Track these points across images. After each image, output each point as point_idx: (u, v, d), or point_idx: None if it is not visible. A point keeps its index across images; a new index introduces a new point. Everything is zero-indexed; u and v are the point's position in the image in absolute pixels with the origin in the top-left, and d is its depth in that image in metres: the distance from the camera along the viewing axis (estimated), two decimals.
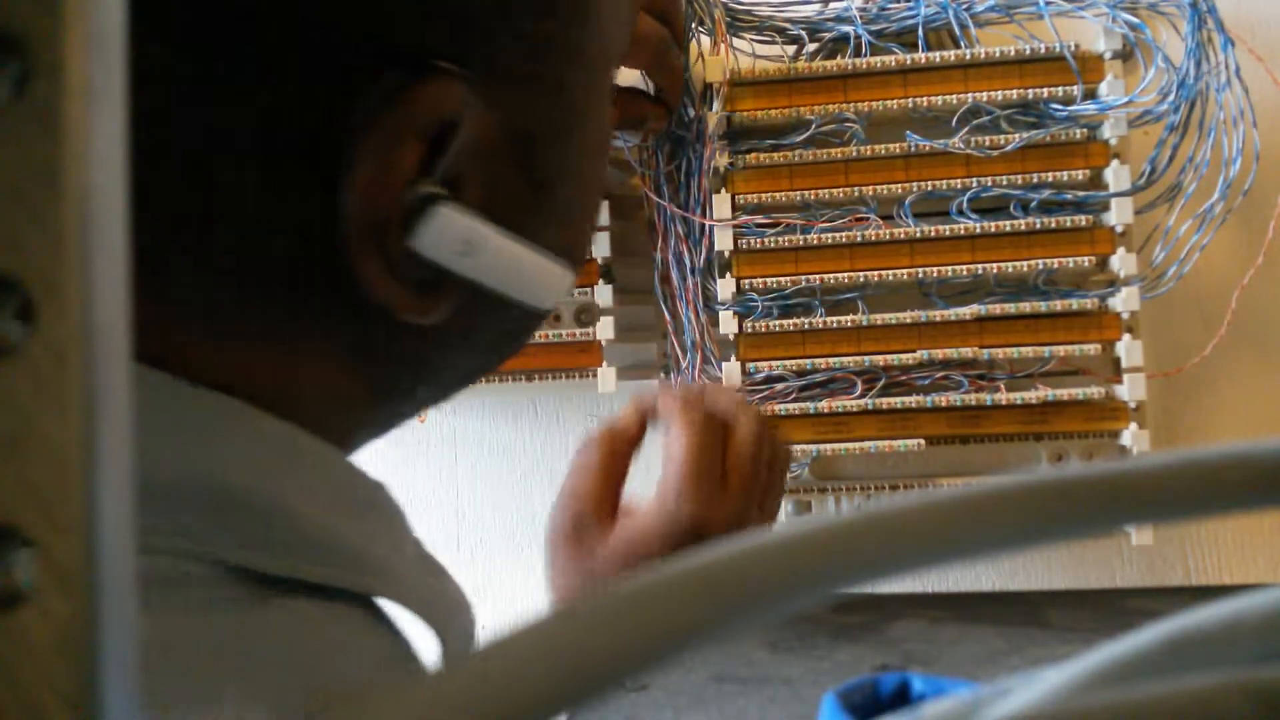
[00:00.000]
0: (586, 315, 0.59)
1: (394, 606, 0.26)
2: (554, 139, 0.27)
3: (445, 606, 0.27)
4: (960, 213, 0.57)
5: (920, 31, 0.58)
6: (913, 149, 0.57)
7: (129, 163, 0.16)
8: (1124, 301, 0.56)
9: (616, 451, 0.48)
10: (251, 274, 0.24)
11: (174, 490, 0.23)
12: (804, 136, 0.57)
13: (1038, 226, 0.56)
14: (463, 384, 0.30)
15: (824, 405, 0.57)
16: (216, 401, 0.24)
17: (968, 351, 0.57)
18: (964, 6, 0.58)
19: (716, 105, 0.57)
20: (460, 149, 0.24)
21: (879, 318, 0.57)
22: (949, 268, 0.57)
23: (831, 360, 0.57)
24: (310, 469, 0.26)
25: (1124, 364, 0.56)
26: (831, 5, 0.59)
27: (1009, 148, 0.56)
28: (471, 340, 0.28)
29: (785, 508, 0.61)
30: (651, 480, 0.47)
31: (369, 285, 0.24)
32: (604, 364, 0.58)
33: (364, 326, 0.26)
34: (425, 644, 0.26)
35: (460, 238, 0.24)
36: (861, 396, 0.57)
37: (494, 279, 0.26)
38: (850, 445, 0.57)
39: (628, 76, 0.56)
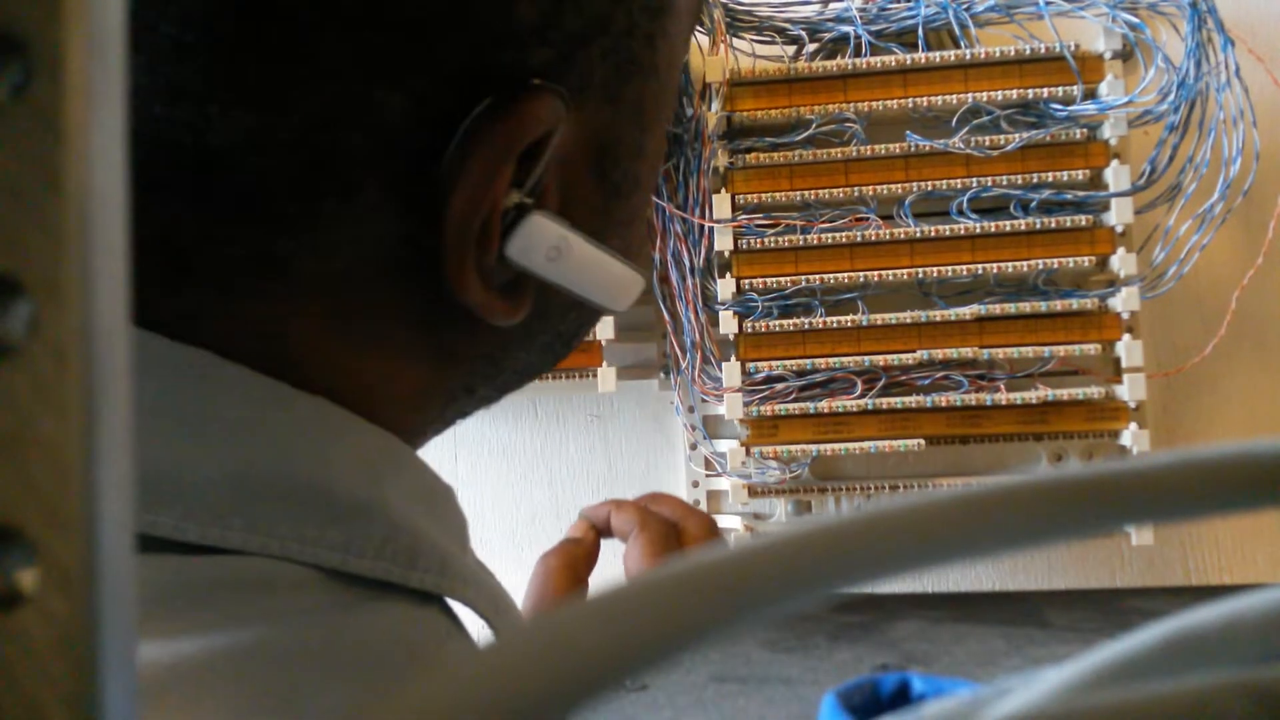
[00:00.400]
0: None
1: (463, 610, 0.27)
2: (627, 150, 0.28)
3: (508, 609, 0.29)
4: (960, 213, 0.57)
5: (920, 31, 0.58)
6: (913, 149, 0.57)
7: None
8: (1124, 301, 0.56)
9: (577, 568, 0.50)
10: (359, 281, 0.25)
11: (275, 491, 0.24)
12: (804, 136, 0.57)
13: (1038, 226, 0.56)
14: (517, 384, 0.32)
15: (824, 405, 0.57)
16: (319, 406, 0.25)
17: (968, 351, 0.57)
18: (964, 6, 0.58)
19: (716, 105, 0.57)
20: (545, 163, 0.25)
21: (879, 318, 0.57)
22: (949, 268, 0.57)
23: (831, 360, 0.57)
24: (404, 475, 0.27)
25: (1124, 364, 0.56)
26: (831, 5, 0.59)
27: (1009, 148, 0.56)
28: (533, 340, 0.30)
29: (785, 508, 0.61)
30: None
31: (464, 290, 0.25)
32: (604, 364, 0.58)
33: (447, 329, 0.27)
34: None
35: (550, 244, 0.26)
36: (861, 396, 0.57)
37: (577, 283, 0.27)
38: (850, 445, 0.57)
39: None
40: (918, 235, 0.57)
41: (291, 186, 0.23)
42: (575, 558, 0.50)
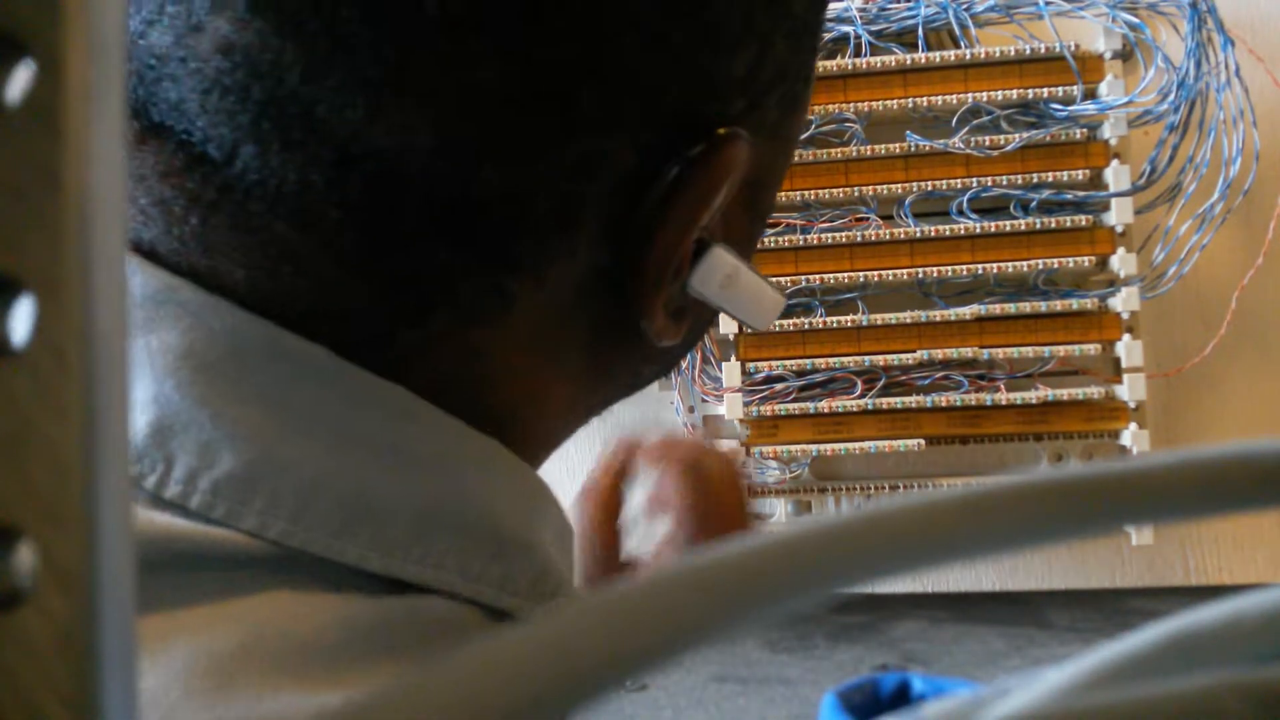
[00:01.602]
0: None
1: None
2: (773, 182, 0.31)
3: None
4: (960, 213, 0.57)
5: (920, 31, 0.58)
6: (913, 149, 0.57)
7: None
8: (1124, 301, 0.56)
9: (608, 505, 0.52)
10: (559, 310, 0.27)
11: (450, 526, 0.25)
12: (804, 136, 0.57)
13: (1038, 226, 0.56)
14: (630, 394, 0.35)
15: (824, 405, 0.57)
16: (491, 447, 0.27)
17: (968, 351, 0.57)
18: (964, 6, 0.58)
19: None
20: (724, 199, 0.27)
21: (879, 318, 0.57)
22: (949, 268, 0.57)
23: (831, 360, 0.57)
24: (549, 516, 0.29)
25: (1124, 364, 0.56)
26: (831, 5, 0.59)
27: (1009, 148, 0.56)
28: (664, 354, 0.32)
29: (785, 508, 0.61)
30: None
31: (650, 318, 0.28)
32: None
33: (612, 350, 0.29)
34: None
35: (724, 274, 0.28)
36: (861, 396, 0.57)
37: (739, 307, 0.30)
38: (850, 445, 0.57)
39: None
40: (918, 235, 0.57)
41: (532, 232, 0.25)
42: (602, 493, 0.51)
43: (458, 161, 0.24)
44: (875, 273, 0.57)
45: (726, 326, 0.58)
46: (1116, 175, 0.56)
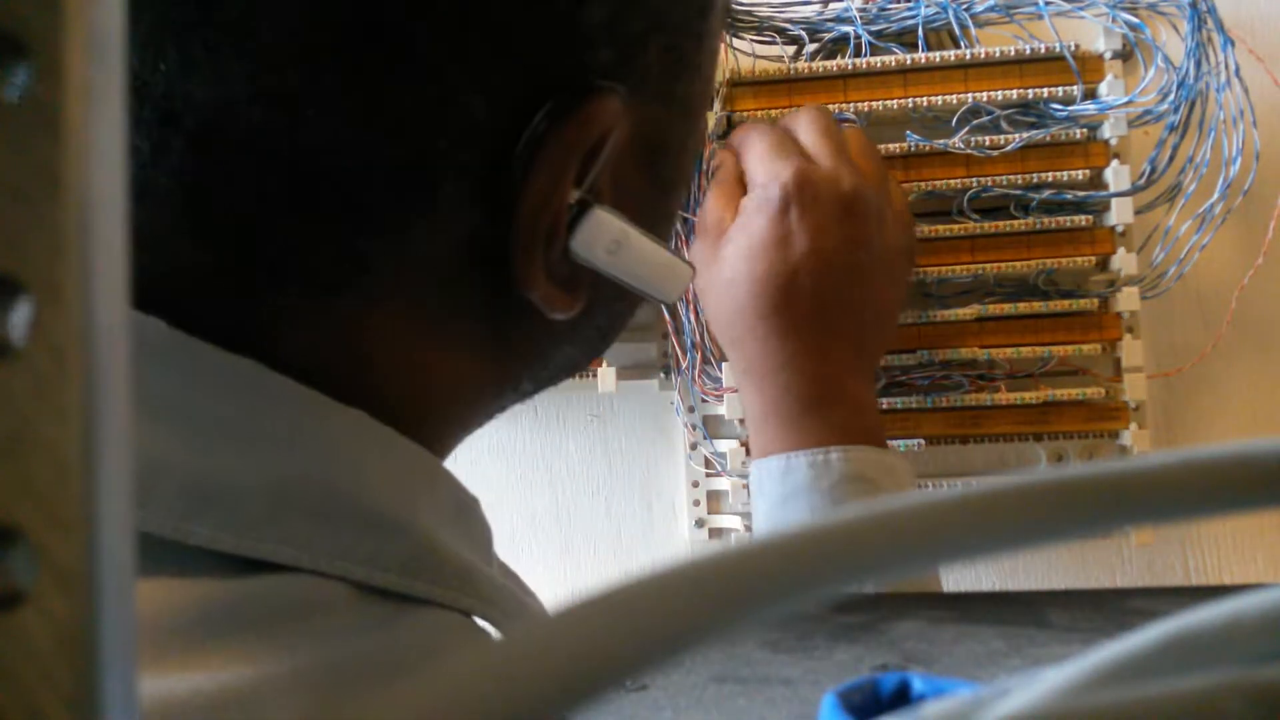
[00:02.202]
0: None
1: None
2: (673, 148, 0.30)
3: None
4: (960, 213, 0.57)
5: (920, 31, 0.58)
6: (913, 149, 0.57)
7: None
8: (1124, 301, 0.56)
9: (726, 184, 0.50)
10: (431, 278, 0.26)
11: (310, 503, 0.24)
12: None
13: (1038, 226, 0.56)
14: (556, 379, 0.33)
15: None
16: (358, 421, 0.25)
17: (968, 351, 0.57)
18: (964, 7, 0.58)
19: (716, 105, 0.57)
20: (604, 159, 0.26)
21: None
22: (949, 268, 0.57)
23: None
24: (435, 490, 0.28)
25: (1124, 364, 0.56)
26: (831, 5, 0.59)
27: (1009, 148, 0.56)
28: (578, 334, 0.31)
29: None
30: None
31: (530, 284, 0.26)
32: (604, 364, 0.58)
33: (506, 324, 0.28)
34: None
35: (611, 238, 0.26)
36: None
37: (634, 275, 0.28)
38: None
39: None
40: (918, 235, 0.57)
41: (380, 187, 0.23)
42: (721, 180, 0.50)
43: (279, 114, 0.22)
44: None
45: None
46: (1117, 175, 0.56)
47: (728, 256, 0.47)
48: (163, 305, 0.23)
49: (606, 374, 0.58)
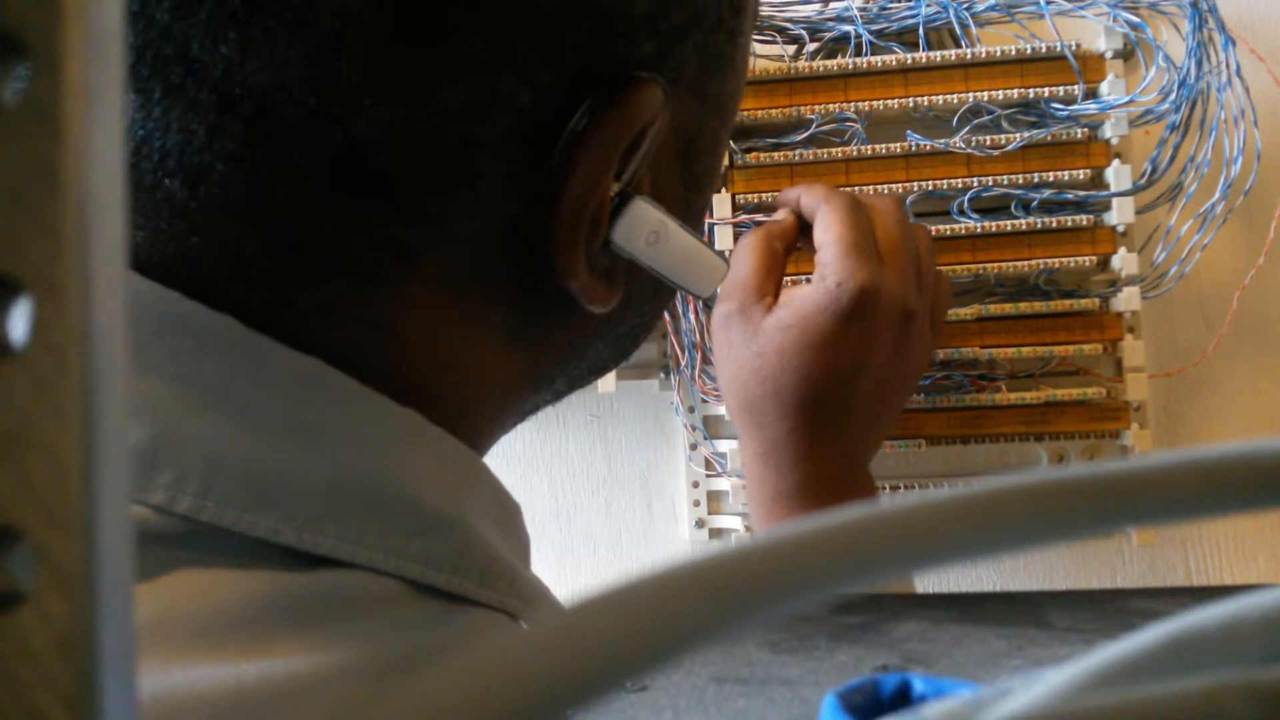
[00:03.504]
0: None
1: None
2: (708, 143, 0.30)
3: None
4: (961, 212, 0.57)
5: (921, 31, 0.58)
6: (913, 148, 0.57)
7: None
8: (1125, 301, 0.56)
9: (774, 244, 0.49)
10: (474, 268, 0.26)
11: (367, 500, 0.24)
12: (804, 136, 0.57)
13: (1039, 226, 0.56)
14: (587, 380, 0.33)
15: None
16: (412, 420, 0.26)
17: (968, 351, 0.57)
18: (965, 6, 0.58)
19: None
20: (645, 152, 0.26)
21: None
22: (949, 268, 0.57)
23: None
24: (481, 491, 0.28)
25: (1125, 364, 0.56)
26: (831, 5, 0.59)
27: (1010, 147, 0.56)
28: (610, 331, 0.31)
29: None
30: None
31: (571, 275, 0.26)
32: None
33: (544, 316, 0.28)
34: None
35: (650, 229, 0.27)
36: None
37: (672, 268, 0.28)
38: None
39: None
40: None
41: (425, 176, 0.24)
42: (770, 234, 0.49)
43: (334, 100, 0.22)
44: None
45: None
46: (1117, 175, 0.56)
47: (780, 343, 0.46)
48: (230, 299, 0.23)
49: (606, 374, 0.58)
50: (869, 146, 0.57)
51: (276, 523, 0.23)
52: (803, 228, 0.51)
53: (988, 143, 0.56)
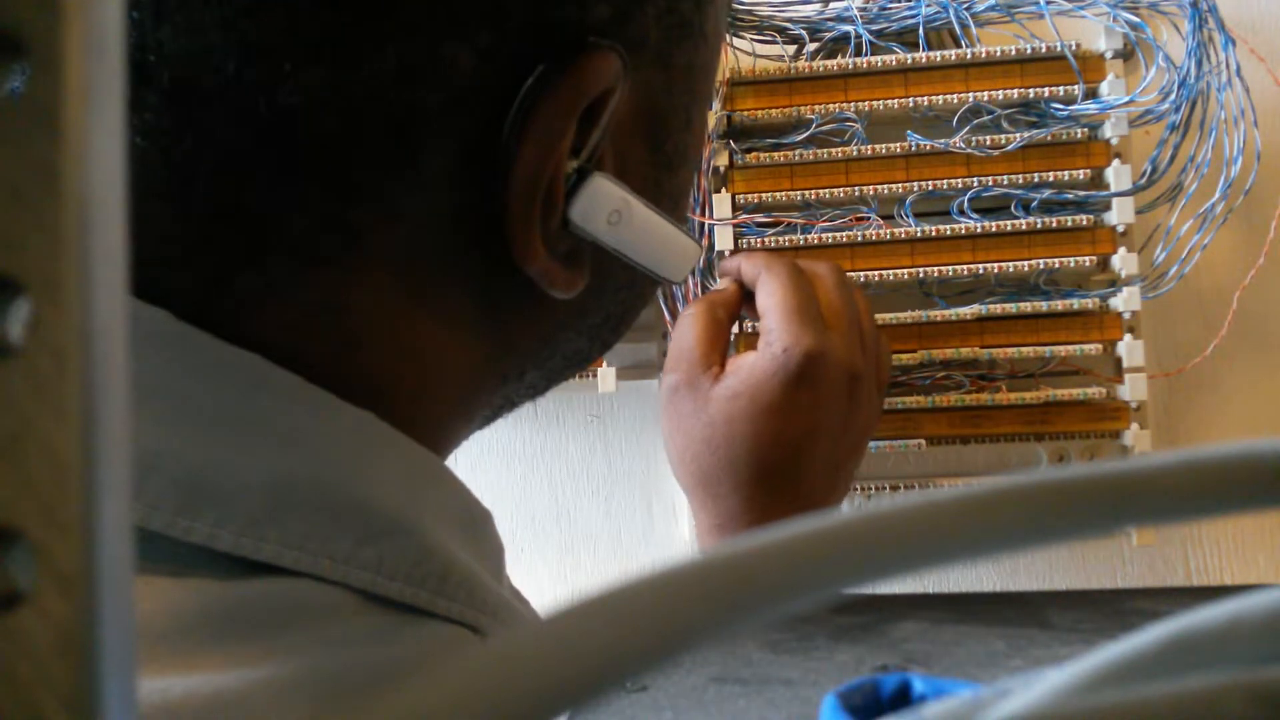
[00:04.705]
0: None
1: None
2: (678, 120, 0.28)
3: None
4: (961, 212, 0.57)
5: (921, 31, 0.58)
6: (913, 148, 0.57)
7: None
8: (1125, 301, 0.56)
9: (717, 312, 0.49)
10: (425, 250, 0.24)
11: (311, 503, 0.23)
12: (804, 136, 0.57)
13: (1039, 226, 0.56)
14: (565, 372, 0.32)
15: None
16: (364, 421, 0.24)
17: (968, 351, 0.57)
18: (965, 6, 0.58)
19: (716, 105, 0.57)
20: (604, 125, 0.24)
21: (879, 317, 0.57)
22: (949, 267, 0.57)
23: None
24: (442, 496, 0.26)
25: (1125, 364, 0.56)
26: (831, 5, 0.59)
27: (1010, 147, 0.56)
28: (584, 320, 0.29)
29: None
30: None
31: (527, 257, 0.24)
32: (604, 364, 0.58)
33: (506, 303, 0.26)
34: None
35: (612, 207, 0.25)
36: None
37: (637, 250, 0.27)
38: None
39: None
40: (918, 235, 0.57)
41: (364, 149, 0.22)
42: (713, 303, 0.49)
43: (255, 66, 0.21)
44: (876, 272, 0.57)
45: None
46: (1117, 175, 0.56)
47: (729, 411, 0.46)
48: (167, 288, 0.22)
49: (606, 374, 0.58)
50: (869, 146, 0.57)
51: (213, 527, 0.21)
52: (746, 296, 0.51)
53: (988, 143, 0.56)
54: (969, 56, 0.56)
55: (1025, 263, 0.56)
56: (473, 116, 0.23)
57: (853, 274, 0.57)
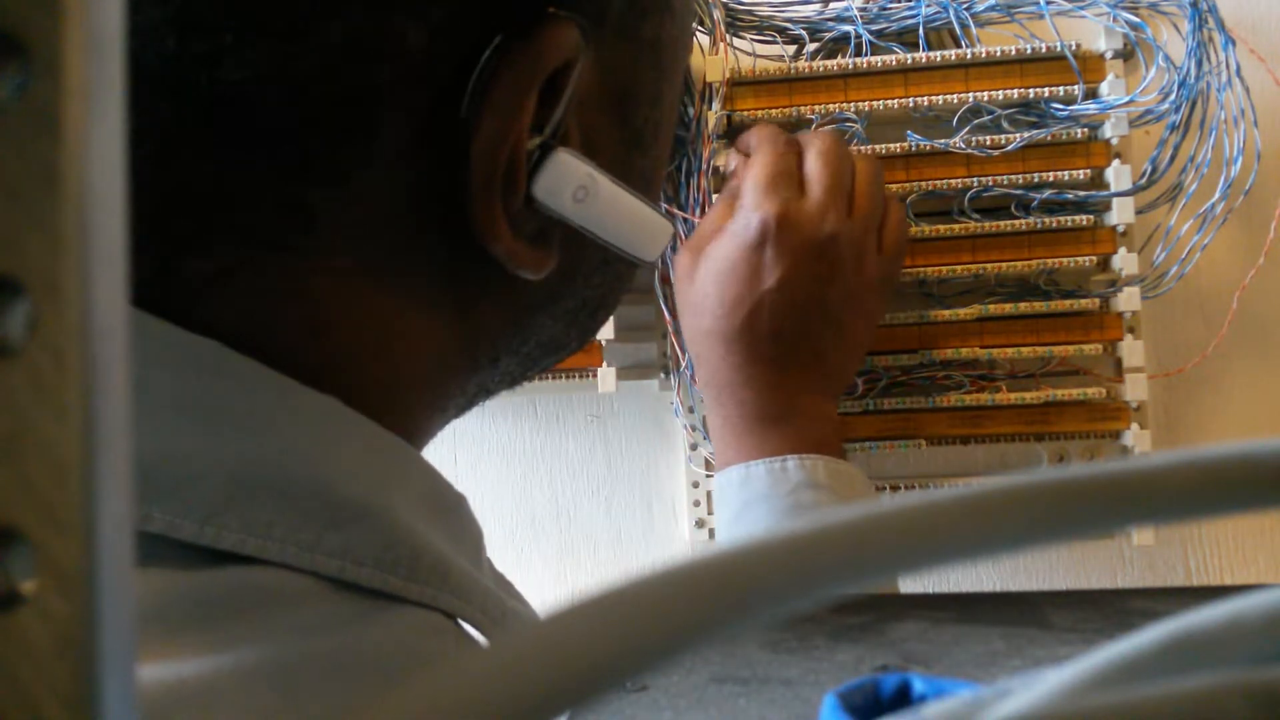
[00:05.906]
0: None
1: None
2: (646, 95, 0.27)
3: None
4: (961, 212, 0.57)
5: (921, 31, 0.58)
6: (913, 148, 0.57)
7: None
8: (1125, 301, 0.56)
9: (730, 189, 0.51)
10: (386, 232, 0.24)
11: (273, 489, 0.22)
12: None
13: (1039, 226, 0.56)
14: (543, 360, 0.31)
15: None
16: (329, 405, 0.23)
17: (968, 351, 0.57)
18: (965, 6, 0.58)
19: (716, 105, 0.57)
20: (567, 100, 0.24)
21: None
22: (949, 267, 0.57)
23: None
24: (411, 481, 0.25)
25: (1125, 364, 0.56)
26: (831, 5, 0.59)
27: (1010, 147, 0.56)
28: (558, 305, 0.28)
29: None
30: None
31: (491, 236, 0.24)
32: (604, 364, 0.58)
33: (473, 286, 0.26)
34: None
35: (577, 183, 0.24)
36: (862, 397, 0.57)
37: (605, 227, 0.26)
38: (851, 445, 0.57)
39: None
40: (918, 235, 0.57)
41: (314, 127, 0.22)
42: (726, 184, 0.52)
43: (194, 41, 0.20)
44: None
45: None
46: (1118, 175, 0.56)
47: (701, 275, 0.49)
48: None
49: (606, 374, 0.58)
50: (869, 147, 0.57)
51: (174, 516, 0.21)
52: None
53: (988, 143, 0.56)
54: (969, 56, 0.56)
55: (1025, 263, 0.56)
56: (429, 91, 0.22)
57: None
